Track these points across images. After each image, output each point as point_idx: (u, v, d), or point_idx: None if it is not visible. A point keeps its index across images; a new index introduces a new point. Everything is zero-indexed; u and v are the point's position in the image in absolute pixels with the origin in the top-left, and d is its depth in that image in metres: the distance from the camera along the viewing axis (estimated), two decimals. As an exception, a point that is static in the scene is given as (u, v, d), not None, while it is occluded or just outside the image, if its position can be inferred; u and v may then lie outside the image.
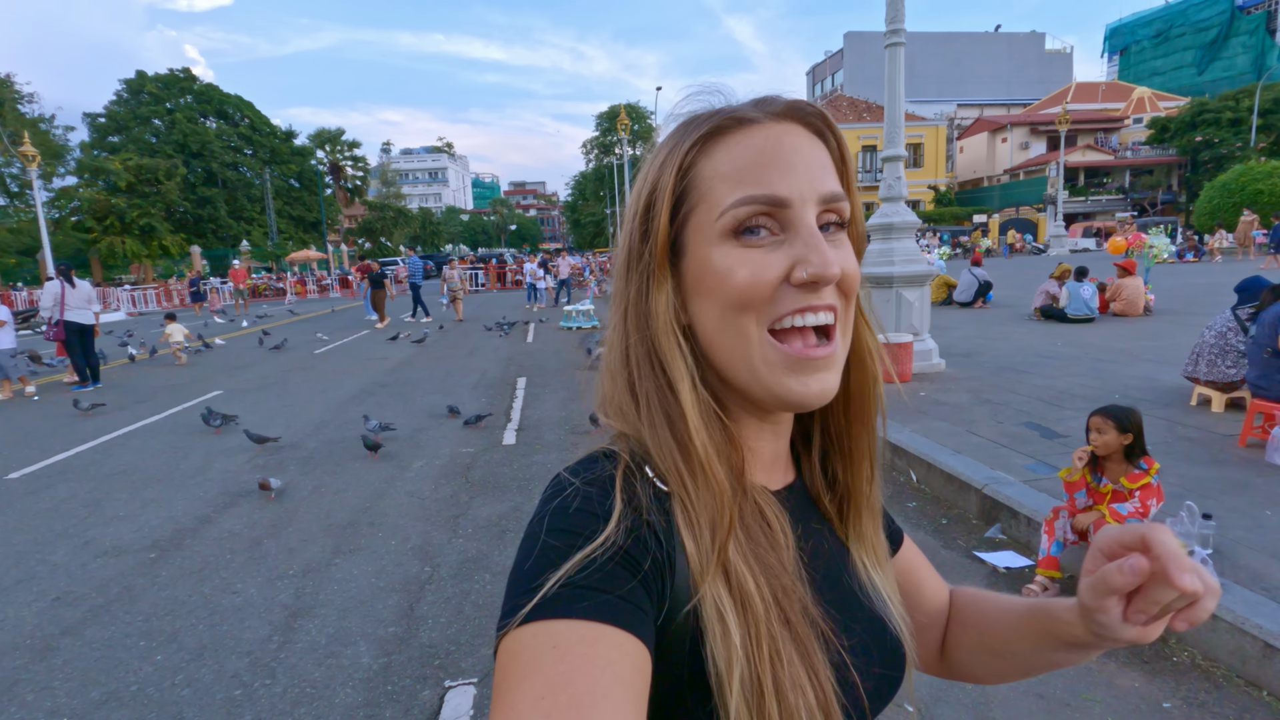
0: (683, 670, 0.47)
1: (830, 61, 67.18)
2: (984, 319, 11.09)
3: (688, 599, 0.47)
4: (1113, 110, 49.03)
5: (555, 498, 0.48)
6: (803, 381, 0.49)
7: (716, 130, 0.51)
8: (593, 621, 0.41)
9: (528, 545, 0.46)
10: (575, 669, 0.39)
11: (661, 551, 0.46)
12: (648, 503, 0.48)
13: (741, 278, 0.48)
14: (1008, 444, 4.50)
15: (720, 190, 0.50)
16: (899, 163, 6.96)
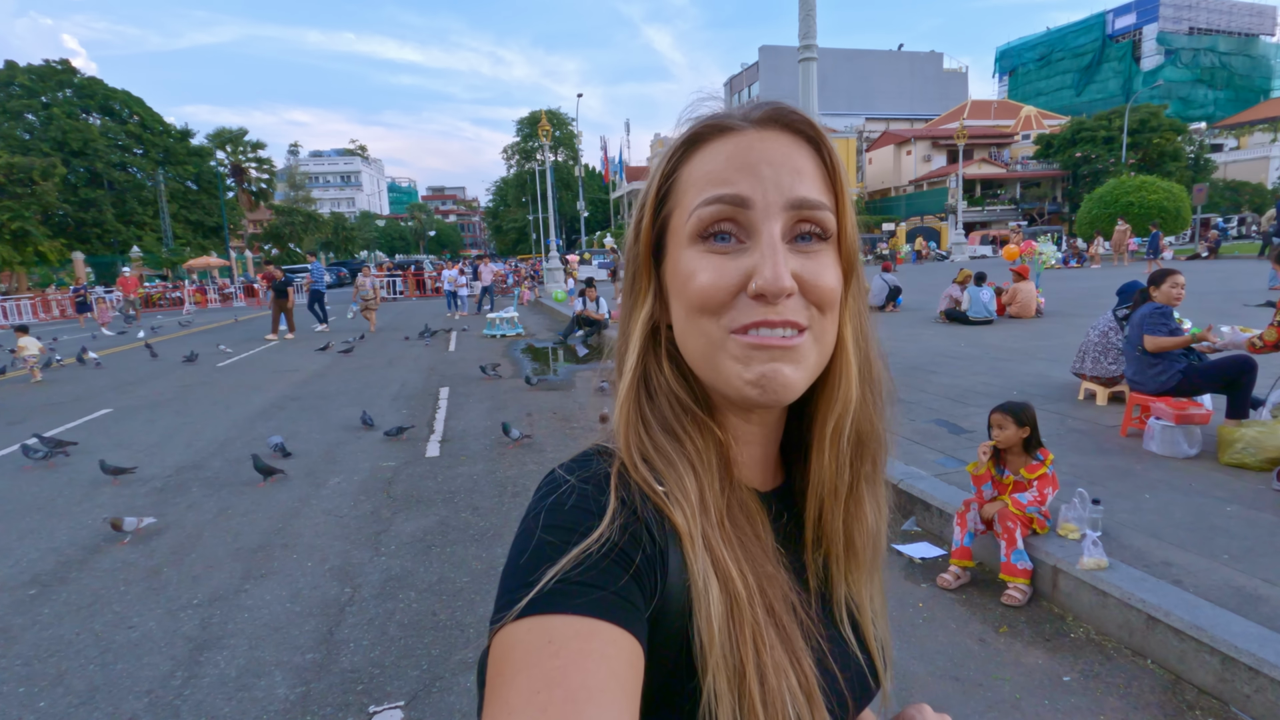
0: (673, 661, 0.47)
1: (746, 74, 69.07)
2: (895, 322, 11.66)
3: (680, 591, 0.47)
4: (1004, 127, 52.75)
5: (550, 494, 0.48)
6: (758, 371, 0.48)
7: (697, 137, 0.52)
8: (587, 617, 0.41)
9: (523, 541, 0.46)
10: (570, 664, 0.39)
11: (654, 548, 0.47)
12: (642, 499, 0.49)
13: (700, 282, 0.49)
14: (920, 440, 4.74)
15: (691, 194, 0.51)
16: (814, 173, 7.23)
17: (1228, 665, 2.25)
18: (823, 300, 0.50)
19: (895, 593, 3.10)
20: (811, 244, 0.50)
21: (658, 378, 0.55)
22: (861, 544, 0.57)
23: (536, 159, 56.09)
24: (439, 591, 3.33)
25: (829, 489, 0.56)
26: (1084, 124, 41.81)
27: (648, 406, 0.54)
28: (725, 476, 0.53)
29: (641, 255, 0.54)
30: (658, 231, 0.54)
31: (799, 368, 0.49)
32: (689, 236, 0.50)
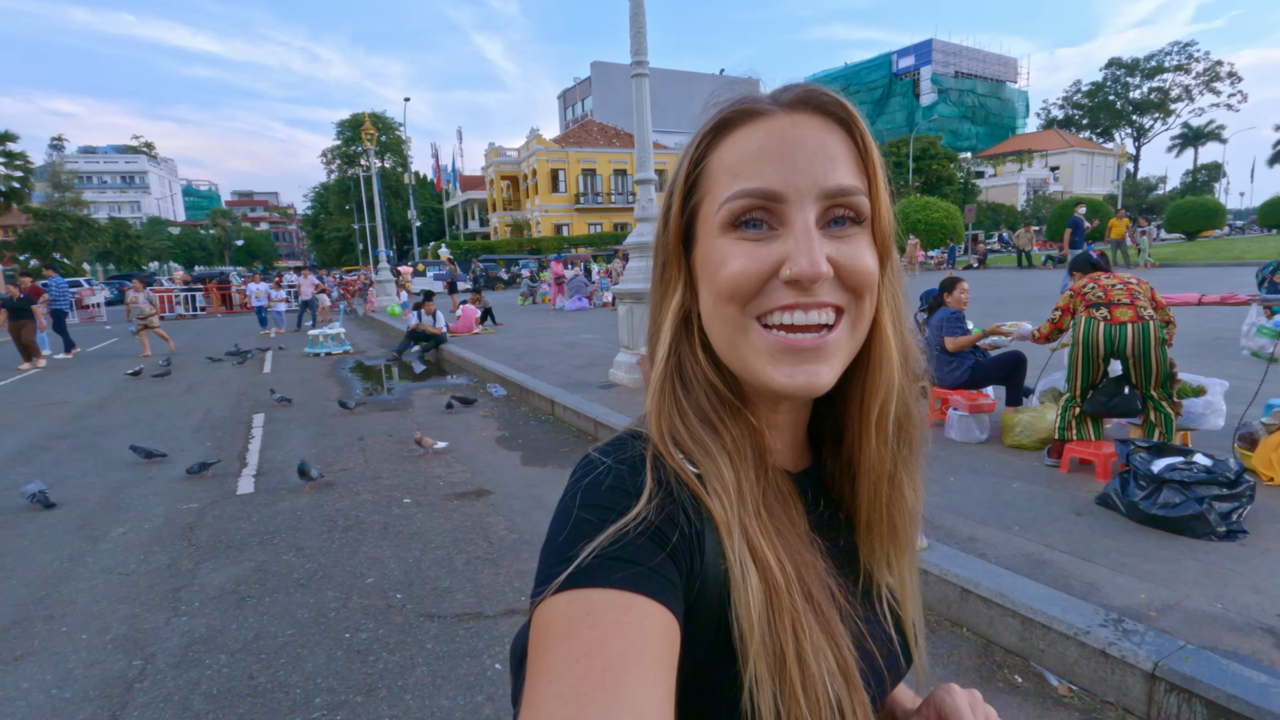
0: (711, 643, 0.48)
1: (580, 88, 70.08)
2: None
3: (717, 575, 0.48)
4: (814, 150, 58.10)
5: (588, 475, 0.49)
6: (788, 372, 0.49)
7: (725, 123, 0.51)
8: (625, 591, 0.42)
9: (561, 519, 0.47)
10: (609, 634, 0.40)
11: (691, 529, 0.47)
12: (677, 481, 0.49)
13: (731, 270, 0.49)
14: (759, 441, 4.98)
15: (723, 182, 0.50)
16: (650, 185, 7.41)
17: (1026, 625, 2.55)
18: (860, 284, 0.49)
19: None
20: (846, 228, 0.50)
21: (692, 366, 0.54)
22: (903, 525, 0.58)
23: (361, 164, 52.74)
24: (256, 650, 2.90)
25: (876, 475, 0.56)
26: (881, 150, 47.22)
27: (683, 394, 0.53)
28: (760, 464, 0.53)
29: (671, 244, 0.54)
30: (687, 219, 0.54)
31: (830, 363, 0.49)
32: (720, 225, 0.50)
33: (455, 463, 5.45)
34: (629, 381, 7.26)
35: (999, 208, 50.75)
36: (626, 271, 7.57)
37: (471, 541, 3.90)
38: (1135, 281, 3.91)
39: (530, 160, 48.10)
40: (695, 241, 0.53)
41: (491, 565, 3.58)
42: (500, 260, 36.30)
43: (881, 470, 0.56)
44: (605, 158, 49.01)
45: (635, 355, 7.21)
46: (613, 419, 5.85)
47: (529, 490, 4.73)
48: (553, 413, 6.95)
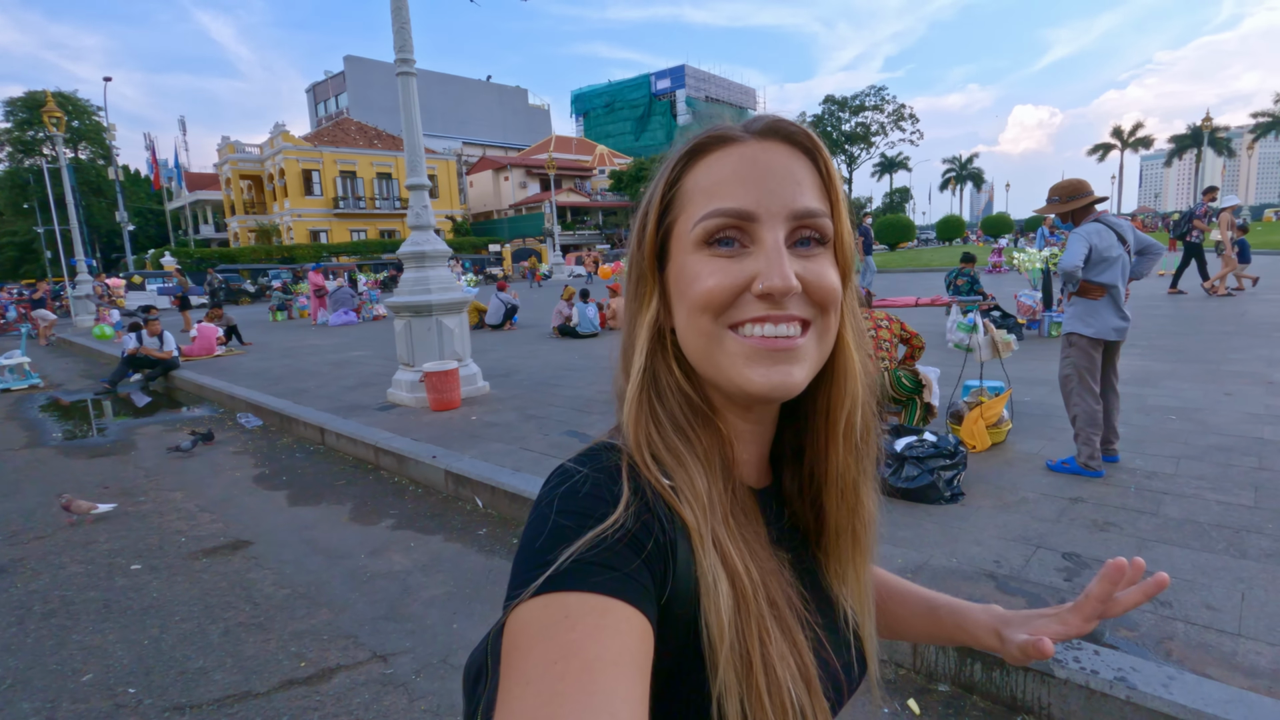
0: (679, 650, 0.49)
1: (332, 82, 64.51)
2: (514, 340, 12.09)
3: (688, 583, 0.49)
4: (584, 161, 59.90)
5: (564, 483, 0.50)
6: (762, 372, 0.51)
7: (699, 148, 0.54)
8: (603, 595, 0.43)
9: (537, 525, 0.47)
10: (586, 637, 0.40)
11: (664, 537, 0.49)
12: (652, 491, 0.50)
13: (705, 285, 0.51)
14: (557, 454, 4.92)
15: (698, 202, 0.52)
16: (424, 191, 6.99)
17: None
18: (825, 300, 0.52)
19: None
20: (811, 248, 0.53)
21: (666, 377, 0.56)
22: (864, 533, 0.61)
23: (44, 153, 42.98)
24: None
25: (842, 484, 0.58)
26: (643, 164, 50.10)
27: (657, 404, 0.55)
28: (728, 475, 0.55)
29: (646, 260, 0.56)
30: (661, 237, 0.56)
31: (801, 365, 0.52)
32: (694, 243, 0.52)
33: (200, 512, 4.60)
34: (412, 401, 6.75)
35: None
36: (402, 283, 7.04)
37: (230, 606, 3.29)
38: (887, 321, 4.54)
39: (276, 159, 42.96)
40: (669, 258, 0.55)
41: (259, 631, 3.05)
42: (244, 271, 31.92)
43: (848, 479, 0.59)
44: (366, 160, 45.60)
45: (417, 373, 6.74)
46: (397, 444, 5.38)
47: (300, 535, 4.14)
48: (323, 442, 6.21)
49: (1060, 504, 3.51)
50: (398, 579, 3.49)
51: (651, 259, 0.56)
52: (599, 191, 56.17)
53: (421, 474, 4.99)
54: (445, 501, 4.62)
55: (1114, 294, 3.86)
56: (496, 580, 3.43)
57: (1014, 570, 2.87)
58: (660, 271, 0.57)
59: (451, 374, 6.52)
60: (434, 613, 3.14)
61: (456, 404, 6.59)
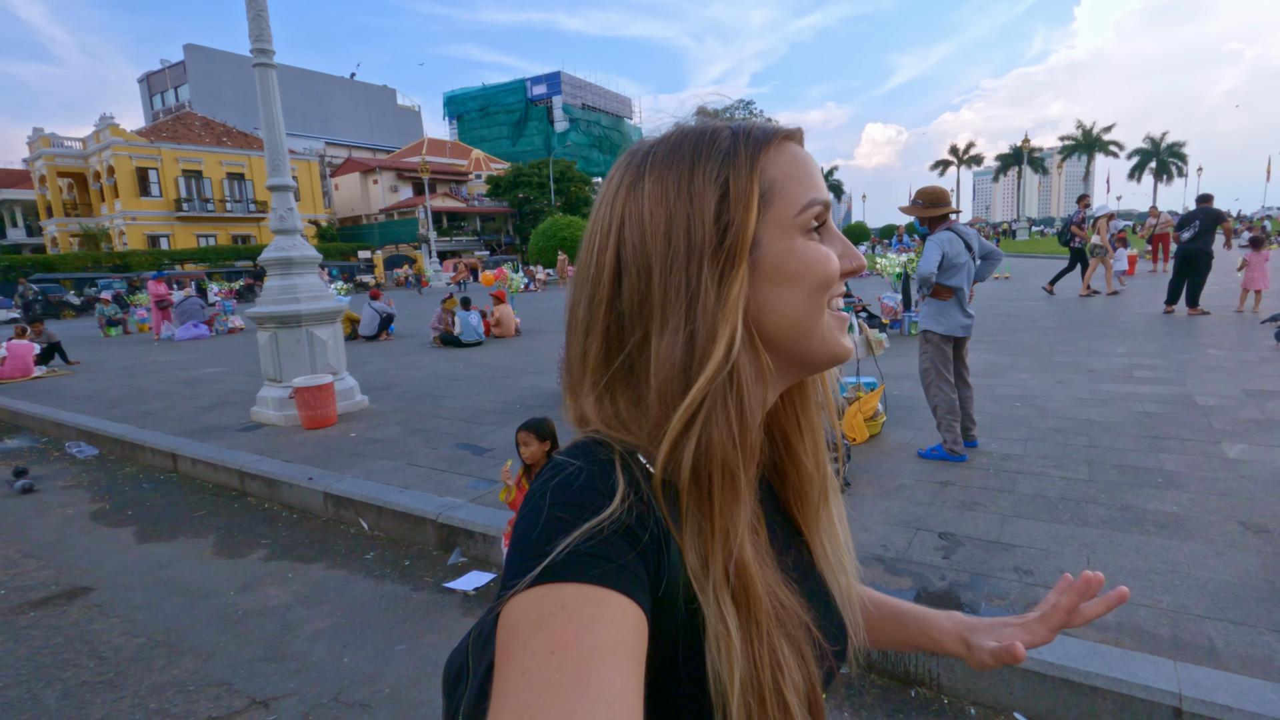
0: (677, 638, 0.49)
1: (171, 73, 58.60)
2: (392, 350, 11.49)
3: (679, 578, 0.49)
4: (459, 165, 58.22)
5: (557, 475, 0.50)
6: (849, 337, 0.60)
7: (771, 140, 0.57)
8: (598, 586, 0.43)
9: (532, 517, 0.48)
10: (583, 627, 0.41)
11: (658, 529, 0.49)
12: (645, 486, 0.51)
13: (832, 265, 0.56)
14: (447, 468, 4.70)
15: (793, 190, 0.56)
16: (288, 193, 6.48)
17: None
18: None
19: (459, 634, 2.93)
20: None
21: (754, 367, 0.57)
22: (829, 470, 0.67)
23: None
24: None
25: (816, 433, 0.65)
26: (521, 170, 49.53)
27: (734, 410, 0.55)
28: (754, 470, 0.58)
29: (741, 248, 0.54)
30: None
31: None
32: (800, 227, 0.56)
33: (23, 559, 3.98)
34: (281, 420, 6.22)
35: (628, 228, 57.52)
36: (266, 291, 6.48)
37: (69, 664, 2.86)
38: None
39: (104, 155, 38.27)
40: (759, 245, 0.56)
41: (108, 689, 2.67)
42: (66, 281, 28.16)
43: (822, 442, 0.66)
44: (214, 158, 41.70)
45: (286, 388, 6.22)
46: (266, 466, 4.93)
47: (153, 575, 3.68)
48: (176, 469, 5.58)
49: (933, 488, 3.81)
50: (275, 615, 3.19)
51: (749, 245, 0.54)
52: (476, 197, 54.75)
53: (296, 498, 4.60)
54: (325, 526, 4.28)
55: (960, 295, 4.27)
56: (389, 607, 3.22)
57: (899, 553, 3.07)
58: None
59: (326, 389, 6.07)
60: (320, 648, 2.89)
61: (333, 420, 6.14)
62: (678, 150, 0.57)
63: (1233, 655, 2.20)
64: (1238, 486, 3.53)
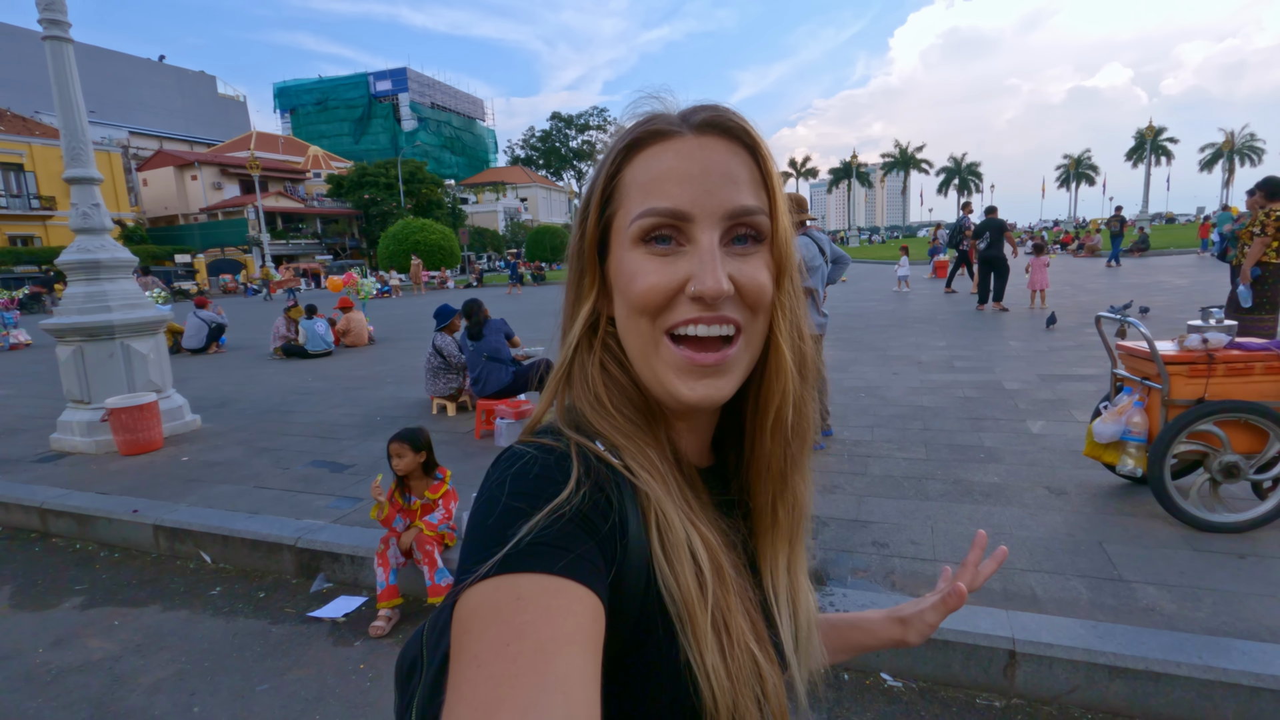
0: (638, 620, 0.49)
1: (-81, 41, 49.02)
2: (225, 364, 10.37)
3: (640, 559, 0.49)
4: (295, 162, 53.79)
5: (513, 465, 0.49)
6: (690, 385, 0.52)
7: (639, 141, 0.53)
8: (554, 576, 0.42)
9: (487, 507, 0.47)
10: (539, 618, 0.40)
11: (615, 516, 0.49)
12: (601, 471, 0.50)
13: (641, 284, 0.52)
14: (303, 489, 4.33)
15: (634, 198, 0.53)
16: (93, 187, 5.66)
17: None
18: (756, 301, 0.53)
19: (333, 666, 2.72)
20: (747, 246, 0.53)
21: (610, 365, 0.57)
22: (785, 518, 0.62)
23: None
24: None
25: (769, 468, 0.60)
26: (366, 170, 46.71)
27: (604, 391, 0.56)
28: (674, 453, 0.57)
29: (587, 252, 0.56)
30: (602, 229, 0.56)
31: (729, 377, 0.54)
32: (631, 239, 0.52)
33: None
34: (90, 446, 5.40)
35: (484, 232, 56.18)
36: (67, 299, 5.60)
37: None
38: None
39: None
40: (610, 250, 0.56)
41: (-127, 786, 2.18)
42: None
43: (774, 465, 0.60)
44: (-17, 146, 35.37)
45: (97, 410, 5.41)
46: (75, 501, 4.26)
47: (-71, 640, 3.05)
48: (-50, 512, 4.66)
49: (797, 475, 4.08)
50: (101, 669, 2.77)
51: (593, 250, 0.56)
52: (315, 197, 50.84)
53: (118, 534, 4.03)
54: (157, 564, 3.78)
55: (814, 296, 4.63)
56: (245, 645, 2.90)
57: (772, 537, 3.26)
58: (601, 262, 0.57)
59: (148, 409, 5.36)
60: (162, 701, 2.55)
61: (158, 444, 5.44)
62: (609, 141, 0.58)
63: (1050, 600, 2.57)
64: (1041, 457, 4.11)
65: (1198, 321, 3.28)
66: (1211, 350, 3.10)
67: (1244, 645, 2.21)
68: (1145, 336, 3.20)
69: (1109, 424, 3.35)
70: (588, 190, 0.57)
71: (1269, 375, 3.03)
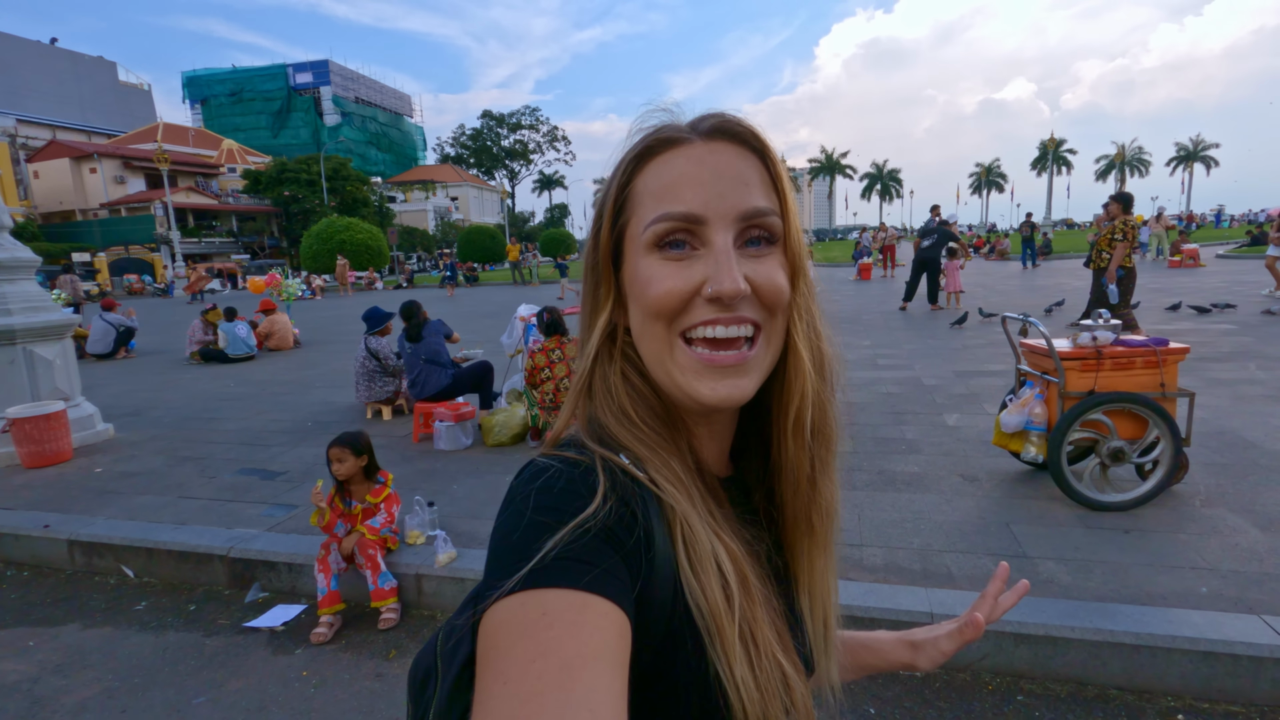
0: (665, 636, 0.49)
1: None
2: (136, 370, 9.79)
3: (667, 573, 0.49)
4: (207, 156, 50.94)
5: (537, 478, 0.49)
6: (710, 385, 0.52)
7: (649, 149, 0.54)
8: (580, 591, 0.42)
9: (512, 521, 0.46)
10: (565, 634, 0.40)
11: (640, 530, 0.48)
12: (628, 485, 0.50)
13: (657, 289, 0.52)
14: (233, 497, 4.19)
15: (647, 205, 0.53)
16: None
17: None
18: (774, 301, 0.53)
19: (273, 674, 2.67)
20: (761, 248, 0.53)
21: (628, 374, 0.57)
22: (820, 523, 0.61)
23: None
24: None
25: (795, 475, 0.59)
26: (287, 165, 44.66)
27: (628, 401, 0.56)
28: (696, 463, 0.57)
29: (601, 261, 0.57)
30: (615, 238, 0.57)
31: (750, 376, 0.53)
32: (645, 245, 0.53)
33: None
34: (-11, 459, 5.03)
35: (414, 231, 54.73)
36: (-41, 302, 5.20)
37: None
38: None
39: None
40: (624, 259, 0.56)
41: None
42: None
43: (801, 471, 0.58)
44: None
45: None
46: (-24, 518, 3.98)
47: None
48: None
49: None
50: (18, 692, 2.63)
51: (607, 260, 0.56)
52: (230, 193, 48.29)
53: (27, 551, 3.80)
54: (73, 581, 3.59)
55: None
56: (177, 659, 2.82)
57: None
58: (616, 271, 0.57)
59: (55, 418, 5.05)
60: (89, 719, 2.45)
61: (67, 455, 5.12)
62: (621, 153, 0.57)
63: (964, 577, 2.80)
64: (956, 447, 4.42)
65: (1089, 321, 3.62)
66: (1100, 347, 3.43)
67: (1128, 609, 2.48)
68: (1044, 335, 3.51)
69: (1014, 415, 3.65)
70: (600, 201, 0.57)
71: (1148, 369, 3.38)
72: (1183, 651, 2.28)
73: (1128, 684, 2.33)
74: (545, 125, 77.66)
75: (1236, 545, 2.93)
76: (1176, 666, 2.29)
